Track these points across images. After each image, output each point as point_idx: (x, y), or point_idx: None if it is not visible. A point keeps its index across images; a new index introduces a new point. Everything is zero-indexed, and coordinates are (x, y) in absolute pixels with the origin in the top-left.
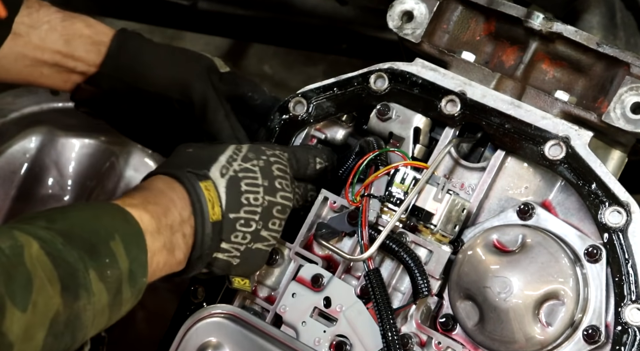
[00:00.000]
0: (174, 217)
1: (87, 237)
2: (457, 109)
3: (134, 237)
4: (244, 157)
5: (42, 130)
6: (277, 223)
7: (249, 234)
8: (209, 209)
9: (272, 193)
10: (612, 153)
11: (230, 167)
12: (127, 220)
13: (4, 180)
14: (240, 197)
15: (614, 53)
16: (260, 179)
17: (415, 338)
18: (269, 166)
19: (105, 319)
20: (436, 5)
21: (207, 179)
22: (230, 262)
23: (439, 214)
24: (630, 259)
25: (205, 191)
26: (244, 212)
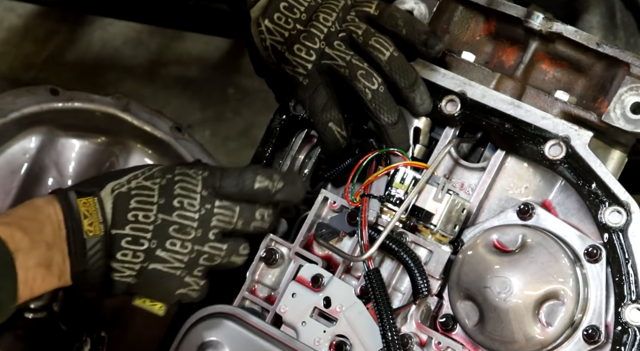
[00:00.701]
0: (48, 233)
1: None
2: (457, 109)
3: (2, 267)
4: (147, 176)
5: (42, 130)
6: (178, 243)
7: (141, 253)
8: (85, 224)
9: (167, 212)
10: (612, 153)
11: (127, 184)
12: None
13: (4, 180)
14: (126, 214)
15: (614, 53)
16: (156, 197)
17: (415, 338)
18: (171, 185)
19: None
20: (436, 5)
21: (90, 195)
22: (127, 282)
23: (439, 214)
24: (631, 259)
25: (82, 207)
26: (130, 229)
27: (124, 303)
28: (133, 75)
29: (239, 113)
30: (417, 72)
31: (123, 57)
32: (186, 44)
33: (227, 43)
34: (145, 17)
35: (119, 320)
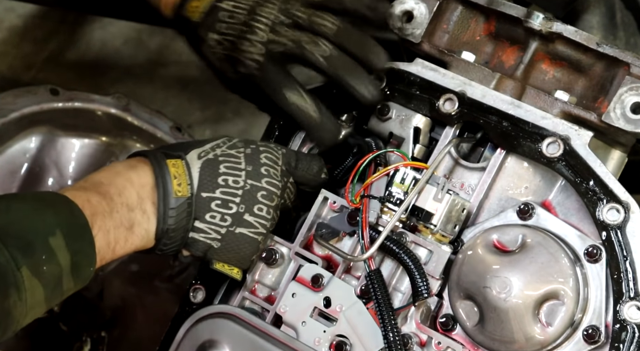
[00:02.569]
0: (130, 195)
1: (23, 235)
2: (455, 107)
3: (78, 230)
4: (230, 145)
5: (42, 130)
6: (264, 209)
7: (229, 216)
8: (173, 184)
9: (256, 178)
10: (612, 153)
11: (212, 151)
12: (72, 212)
13: (4, 180)
14: (216, 178)
15: (614, 53)
16: (244, 164)
17: (415, 338)
18: (257, 154)
19: (42, 310)
20: (436, 5)
21: (177, 158)
22: (210, 244)
23: (439, 214)
24: (629, 256)
25: (172, 167)
26: (220, 192)
27: (124, 303)
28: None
29: (239, 113)
30: (373, 41)
31: (123, 57)
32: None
33: None
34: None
35: (119, 320)
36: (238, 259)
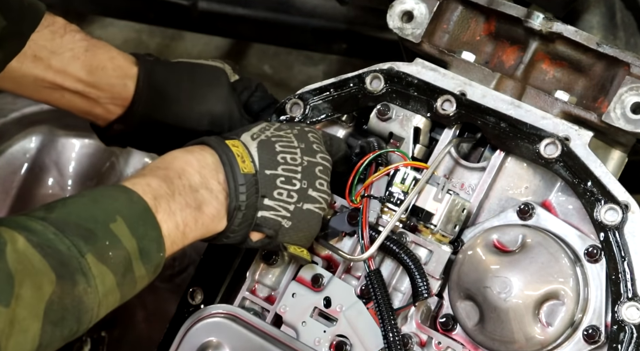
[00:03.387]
0: (191, 176)
1: (82, 223)
2: (453, 109)
3: (140, 215)
4: (277, 127)
5: (42, 130)
6: (325, 184)
7: (295, 193)
8: (239, 162)
9: (310, 154)
10: (612, 153)
11: (262, 133)
12: (131, 199)
13: (4, 180)
14: (275, 156)
15: (614, 53)
16: (296, 142)
17: (415, 338)
18: (304, 134)
19: (116, 298)
20: (436, 5)
21: (232, 139)
22: (280, 222)
23: (439, 214)
24: (627, 257)
25: (233, 147)
26: (282, 169)
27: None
28: None
29: None
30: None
31: None
32: (186, 44)
33: (227, 43)
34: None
35: (119, 320)
36: (307, 237)
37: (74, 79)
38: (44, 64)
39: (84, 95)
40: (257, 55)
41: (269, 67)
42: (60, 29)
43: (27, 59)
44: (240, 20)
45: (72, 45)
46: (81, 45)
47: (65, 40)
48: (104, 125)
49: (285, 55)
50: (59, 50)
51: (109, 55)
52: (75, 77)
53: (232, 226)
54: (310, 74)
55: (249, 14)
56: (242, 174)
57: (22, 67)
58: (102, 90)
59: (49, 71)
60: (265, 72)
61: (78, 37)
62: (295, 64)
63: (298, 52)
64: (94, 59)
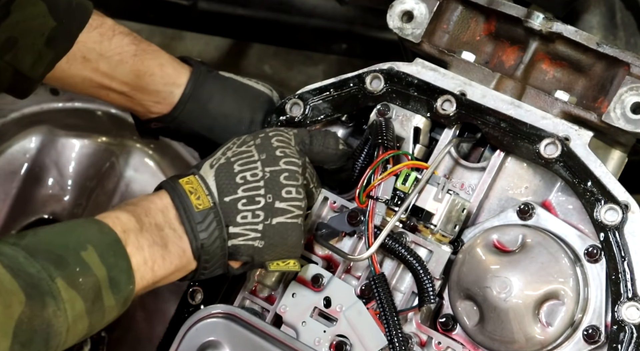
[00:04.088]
0: (155, 215)
1: (53, 250)
2: (453, 109)
3: (110, 245)
4: (241, 142)
5: (42, 130)
6: (293, 190)
7: (261, 210)
8: (192, 200)
9: (273, 163)
10: (612, 153)
11: (223, 156)
12: (101, 229)
13: (4, 180)
14: (234, 179)
15: (614, 53)
16: (257, 155)
17: (415, 338)
18: (267, 141)
19: (85, 326)
20: (436, 5)
21: (188, 175)
22: (252, 245)
23: (439, 214)
24: (627, 257)
25: (186, 185)
26: (243, 190)
27: None
28: None
29: None
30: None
31: None
32: (186, 44)
33: (227, 43)
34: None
35: (119, 320)
36: (287, 250)
37: (120, 82)
38: (92, 66)
39: (129, 96)
40: (257, 55)
41: (269, 67)
42: (109, 31)
43: (77, 60)
44: (240, 20)
45: (120, 49)
46: (129, 49)
47: (113, 43)
48: (143, 119)
49: (285, 55)
50: (107, 53)
51: (158, 61)
52: (122, 81)
53: (202, 263)
54: (310, 74)
55: (249, 14)
56: (197, 212)
57: (70, 68)
58: (147, 94)
59: (97, 73)
60: (265, 72)
61: (126, 40)
62: (295, 64)
63: (298, 52)
64: (142, 65)
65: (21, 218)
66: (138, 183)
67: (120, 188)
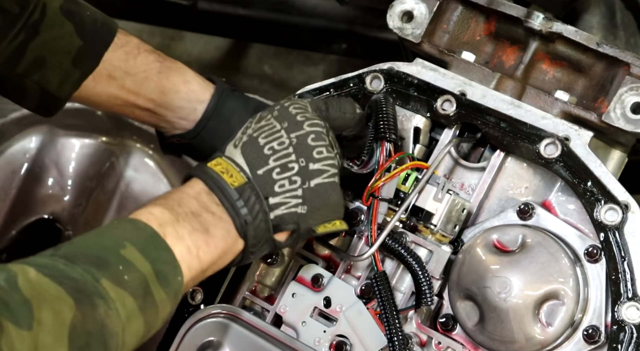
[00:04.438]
0: (189, 203)
1: (92, 253)
2: (453, 109)
3: (149, 240)
4: (258, 118)
5: (42, 130)
6: (323, 150)
7: (297, 176)
8: (226, 178)
9: (297, 128)
10: (612, 153)
11: (244, 135)
12: (136, 226)
13: (4, 180)
14: (262, 151)
15: (614, 53)
16: (278, 125)
17: (415, 338)
18: (285, 110)
19: (140, 324)
20: (436, 5)
21: (215, 158)
22: (295, 211)
23: (439, 214)
24: (627, 257)
25: (215, 167)
26: (274, 160)
27: None
28: None
29: None
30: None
31: None
32: (186, 44)
33: (227, 43)
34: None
35: None
36: (332, 210)
37: (146, 99)
38: (118, 84)
39: (155, 112)
40: (257, 55)
41: (269, 67)
42: (134, 49)
43: (102, 78)
44: (240, 20)
45: (145, 67)
46: (154, 67)
47: (139, 61)
48: (167, 135)
49: (285, 55)
50: (133, 70)
51: (182, 78)
52: (147, 97)
53: (250, 240)
54: (310, 74)
55: (249, 14)
56: (233, 189)
57: (96, 86)
58: (171, 110)
59: (122, 90)
60: (265, 72)
61: (152, 58)
62: (295, 64)
63: (298, 52)
64: (167, 82)
65: (21, 218)
66: (138, 183)
67: (120, 188)
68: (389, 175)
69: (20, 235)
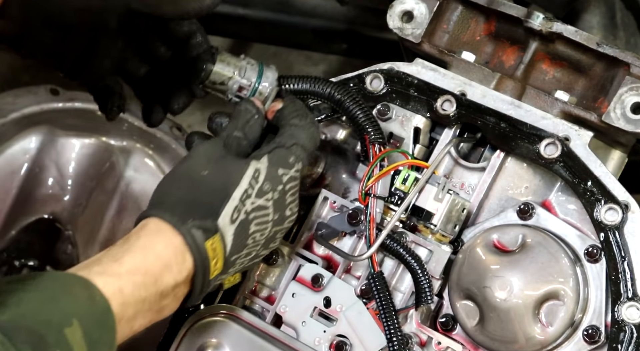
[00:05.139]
0: (167, 282)
1: (34, 328)
2: (453, 109)
3: (98, 318)
4: (258, 191)
5: (42, 130)
6: (278, 240)
7: (248, 259)
8: (211, 267)
9: (280, 223)
10: (612, 153)
11: (243, 207)
12: (92, 298)
13: (4, 180)
14: (246, 240)
15: (614, 53)
16: (272, 214)
17: (415, 338)
18: (283, 196)
19: None
20: (436, 5)
21: (215, 234)
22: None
23: (439, 214)
24: (627, 257)
25: (211, 251)
26: (247, 249)
27: None
28: None
29: None
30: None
31: None
32: None
33: (227, 43)
34: None
35: None
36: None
37: None
38: None
39: None
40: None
41: None
42: None
43: None
44: (240, 20)
45: None
46: None
47: None
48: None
49: (285, 55)
50: None
51: None
52: None
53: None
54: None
55: (249, 14)
56: (211, 279)
57: None
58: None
59: None
60: None
61: None
62: (295, 64)
63: (298, 52)
64: None
65: (21, 218)
66: (138, 183)
67: (120, 188)
68: (380, 173)
69: (20, 235)
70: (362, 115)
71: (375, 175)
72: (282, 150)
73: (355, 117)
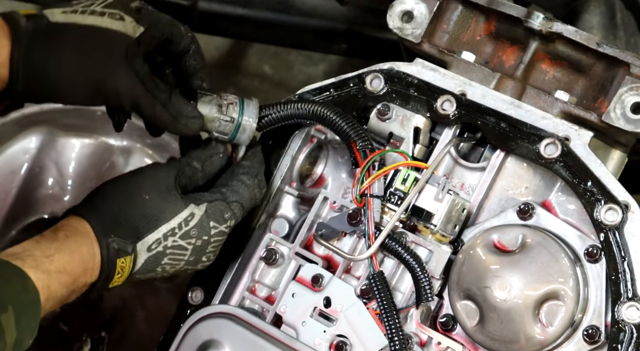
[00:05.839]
0: (81, 283)
1: None
2: (453, 109)
3: (28, 306)
4: (184, 233)
5: (42, 130)
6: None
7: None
8: (114, 280)
9: (194, 264)
10: (612, 153)
11: (164, 241)
12: (26, 288)
13: (4, 180)
14: (156, 267)
15: (614, 53)
16: (188, 256)
17: (415, 338)
18: (206, 245)
19: None
20: (436, 5)
21: (128, 255)
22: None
23: (439, 214)
24: (627, 257)
25: (119, 267)
26: (153, 273)
27: (124, 303)
28: None
29: None
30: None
31: None
32: None
33: (227, 43)
34: None
35: (119, 320)
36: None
37: None
38: None
39: None
40: (257, 55)
41: (269, 67)
42: None
43: None
44: (240, 20)
45: None
46: None
47: None
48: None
49: (285, 55)
50: None
51: None
52: None
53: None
54: (310, 74)
55: (249, 14)
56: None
57: None
58: None
59: None
60: (265, 72)
61: None
62: (295, 64)
63: (298, 52)
64: None
65: (21, 218)
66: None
67: None
68: (377, 174)
69: (20, 235)
70: (346, 126)
71: (373, 175)
72: (223, 204)
73: (339, 129)
